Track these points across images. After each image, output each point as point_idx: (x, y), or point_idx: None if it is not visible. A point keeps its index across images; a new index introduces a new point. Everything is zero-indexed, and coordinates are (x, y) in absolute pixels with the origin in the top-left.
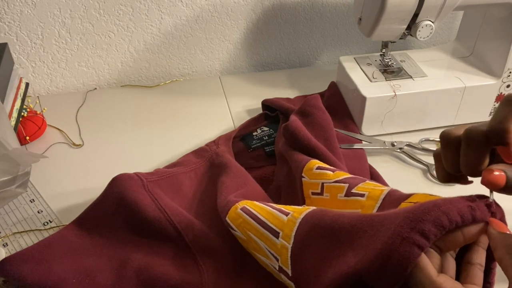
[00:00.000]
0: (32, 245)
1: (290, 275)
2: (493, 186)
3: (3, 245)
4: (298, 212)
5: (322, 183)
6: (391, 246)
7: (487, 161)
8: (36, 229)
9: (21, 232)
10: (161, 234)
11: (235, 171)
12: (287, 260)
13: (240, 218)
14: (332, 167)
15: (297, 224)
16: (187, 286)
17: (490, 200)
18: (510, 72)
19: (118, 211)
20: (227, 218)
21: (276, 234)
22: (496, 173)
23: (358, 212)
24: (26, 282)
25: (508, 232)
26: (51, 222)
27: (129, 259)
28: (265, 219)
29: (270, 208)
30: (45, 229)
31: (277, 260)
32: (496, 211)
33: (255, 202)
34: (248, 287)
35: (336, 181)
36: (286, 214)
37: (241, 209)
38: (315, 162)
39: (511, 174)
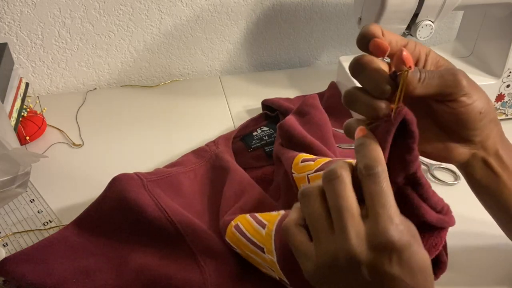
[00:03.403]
0: (32, 245)
1: (288, 283)
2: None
3: (3, 245)
4: (272, 222)
5: (307, 175)
6: None
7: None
8: (36, 229)
9: (21, 232)
10: (161, 234)
11: (234, 178)
12: (280, 272)
13: (234, 237)
14: (314, 157)
15: (273, 237)
16: (189, 286)
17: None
18: (510, 72)
19: (118, 211)
20: (226, 238)
21: (262, 249)
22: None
23: None
24: (26, 282)
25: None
26: (51, 222)
27: (129, 259)
28: (251, 235)
29: (253, 221)
30: (45, 229)
31: (273, 271)
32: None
33: (246, 215)
34: (250, 287)
35: (316, 170)
36: (263, 226)
37: (235, 227)
38: (301, 156)
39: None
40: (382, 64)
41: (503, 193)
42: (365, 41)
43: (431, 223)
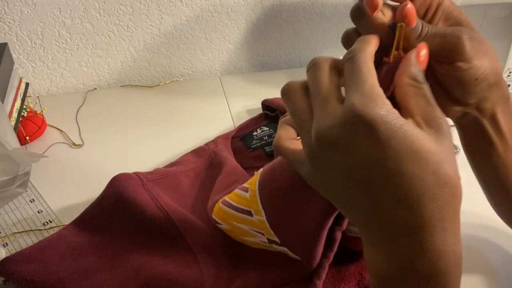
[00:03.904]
0: (32, 245)
1: (279, 242)
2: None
3: (3, 245)
4: (253, 183)
5: None
6: None
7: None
8: (36, 229)
9: (21, 232)
10: (161, 233)
11: (228, 169)
12: (270, 231)
13: (221, 211)
14: None
15: (258, 197)
16: (188, 284)
17: None
18: (510, 72)
19: (118, 211)
20: (213, 215)
21: (249, 213)
22: (409, 5)
23: None
24: (26, 282)
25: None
26: (51, 222)
27: (129, 258)
28: (236, 203)
29: (238, 190)
30: (45, 229)
31: (263, 234)
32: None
33: (234, 190)
34: (247, 282)
35: None
36: (246, 190)
37: (222, 202)
38: None
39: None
40: (385, 9)
41: (493, 156)
42: None
43: None
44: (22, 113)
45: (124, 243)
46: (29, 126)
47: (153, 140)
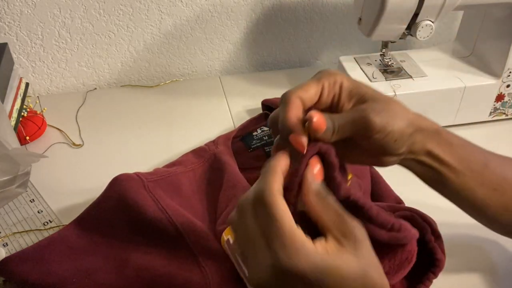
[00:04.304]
0: (32, 245)
1: None
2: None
3: (3, 245)
4: None
5: None
6: None
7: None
8: (36, 229)
9: (21, 232)
10: (162, 235)
11: (227, 182)
12: None
13: (226, 250)
14: None
15: None
16: (190, 286)
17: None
18: (510, 72)
19: (119, 211)
20: (223, 248)
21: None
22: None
23: None
24: (26, 282)
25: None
26: (51, 222)
27: (129, 259)
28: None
29: None
30: (45, 229)
31: None
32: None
33: None
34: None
35: None
36: None
37: (226, 243)
38: None
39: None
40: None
41: (449, 185)
42: (285, 133)
43: (384, 242)
44: (22, 113)
45: (125, 244)
46: (29, 126)
47: (153, 140)
